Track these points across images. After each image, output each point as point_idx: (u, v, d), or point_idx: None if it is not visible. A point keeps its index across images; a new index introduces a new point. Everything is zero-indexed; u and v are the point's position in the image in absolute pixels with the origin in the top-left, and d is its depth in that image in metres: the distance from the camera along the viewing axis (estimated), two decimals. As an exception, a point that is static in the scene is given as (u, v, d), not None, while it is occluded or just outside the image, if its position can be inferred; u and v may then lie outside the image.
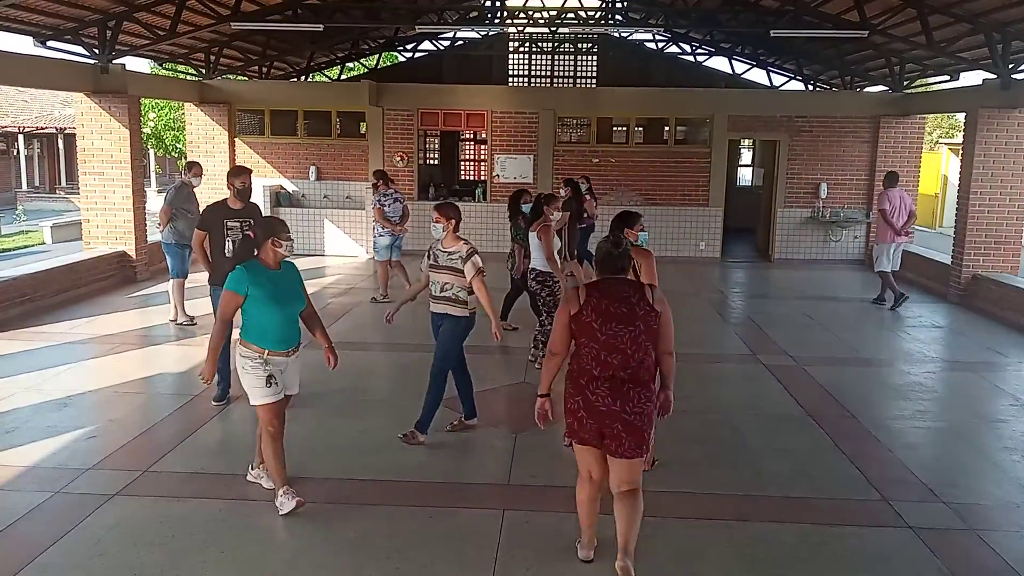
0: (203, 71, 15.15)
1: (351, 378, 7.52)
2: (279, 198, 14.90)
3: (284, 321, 4.75)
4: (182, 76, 16.28)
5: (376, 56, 21.15)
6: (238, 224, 6.48)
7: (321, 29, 12.65)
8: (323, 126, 15.54)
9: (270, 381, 4.66)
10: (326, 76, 21.36)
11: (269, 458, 4.80)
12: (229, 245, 6.43)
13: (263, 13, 12.95)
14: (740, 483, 5.35)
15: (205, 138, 15.20)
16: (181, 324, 9.17)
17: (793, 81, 19.17)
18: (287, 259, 4.86)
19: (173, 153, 29.94)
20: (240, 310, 4.69)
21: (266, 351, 4.68)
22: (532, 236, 7.83)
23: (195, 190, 9.36)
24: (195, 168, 9.43)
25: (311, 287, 11.21)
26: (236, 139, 15.34)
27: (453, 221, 5.80)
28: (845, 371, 7.92)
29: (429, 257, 5.89)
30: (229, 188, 6.65)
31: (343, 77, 21.03)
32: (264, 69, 17.09)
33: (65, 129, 30.18)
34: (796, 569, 4.28)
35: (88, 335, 8.70)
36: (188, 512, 4.77)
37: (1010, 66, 10.86)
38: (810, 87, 18.53)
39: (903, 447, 6.04)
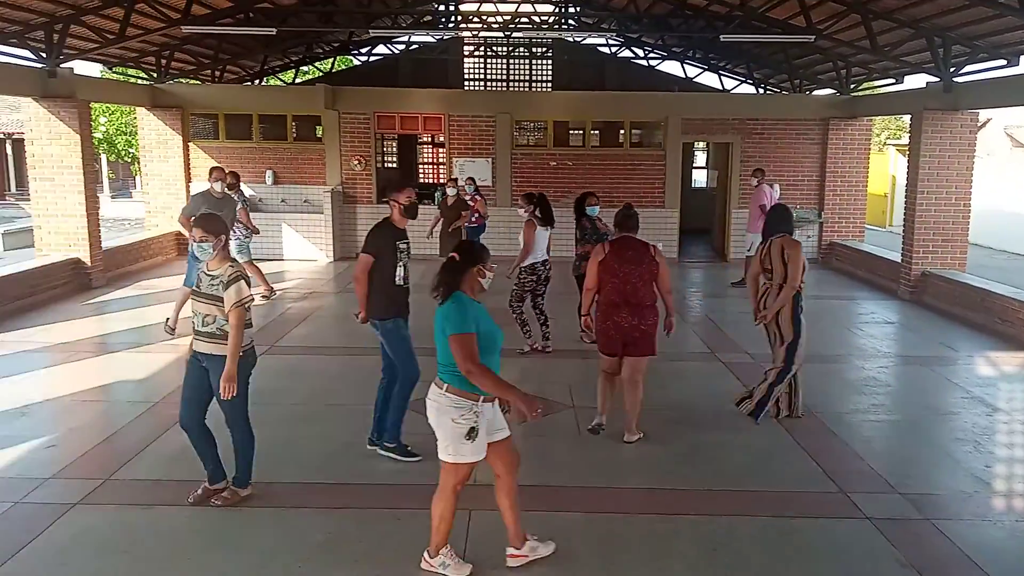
0: (154, 75, 14.93)
1: (315, 382, 7.50)
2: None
3: (497, 361, 4.11)
4: (133, 80, 16.01)
5: (331, 60, 21.03)
6: (406, 246, 5.66)
7: (274, 33, 12.59)
8: (279, 130, 15.42)
9: (472, 434, 3.99)
10: (280, 80, 21.20)
11: (446, 518, 4.16)
12: (401, 272, 5.63)
13: (214, 17, 12.80)
14: (702, 479, 5.46)
15: (158, 143, 14.97)
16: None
17: (744, 84, 19.55)
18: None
19: (126, 158, 29.38)
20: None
21: (481, 398, 4.02)
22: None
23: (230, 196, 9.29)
24: (216, 173, 9.14)
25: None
26: (190, 143, 15.13)
27: (223, 237, 4.78)
28: (803, 367, 8.07)
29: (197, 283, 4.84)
30: (393, 205, 5.63)
31: (298, 81, 20.87)
32: (217, 73, 16.89)
33: (13, 134, 29.41)
34: (758, 560, 4.38)
35: (44, 343, 8.53)
36: (152, 519, 4.72)
37: (951, 69, 11.21)
38: (761, 90, 18.91)
39: (859, 440, 6.21)
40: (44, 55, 11.13)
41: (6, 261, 14.34)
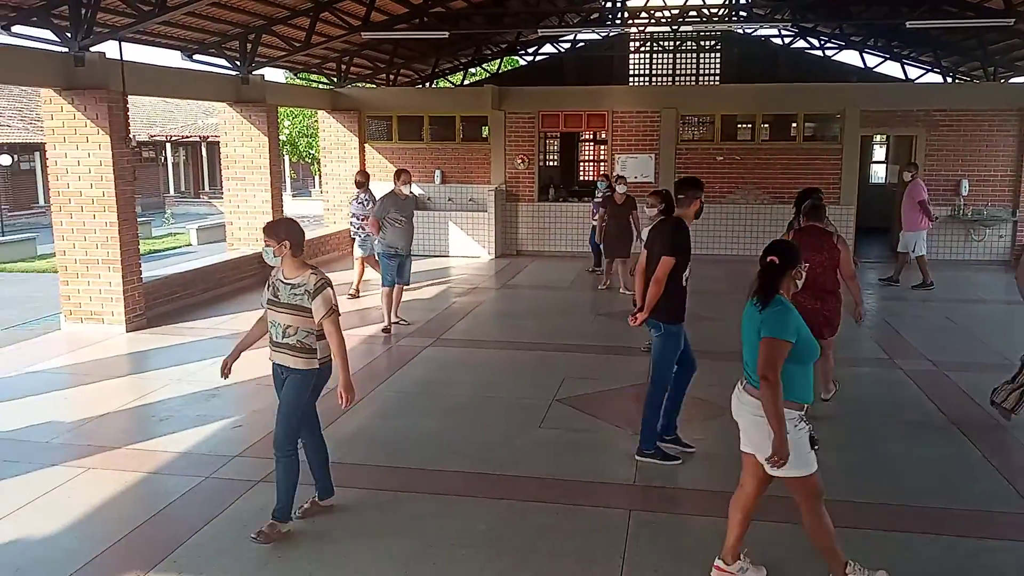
0: (334, 80, 15.80)
1: (477, 375, 7.70)
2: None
3: (811, 371, 3.92)
4: (315, 85, 17.02)
5: (498, 61, 21.47)
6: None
7: (447, 36, 12.98)
8: (447, 131, 15.91)
9: (815, 443, 3.80)
10: (450, 82, 21.84)
11: (829, 536, 3.89)
12: (686, 273, 5.53)
13: (391, 22, 13.39)
14: (880, 492, 5.15)
15: (337, 144, 15.84)
16: (395, 324, 9.23)
17: (930, 74, 18.24)
18: None
19: (306, 159, 31.29)
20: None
21: (807, 407, 3.88)
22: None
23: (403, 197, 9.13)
24: (403, 176, 9.13)
25: (438, 287, 11.60)
26: (366, 144, 15.91)
27: (287, 243, 4.48)
28: (991, 377, 7.43)
29: (268, 289, 4.61)
30: (695, 203, 5.60)
31: (466, 82, 21.43)
32: (391, 76, 17.67)
33: (208, 137, 32.10)
34: (941, 582, 4.09)
35: (232, 330, 9.22)
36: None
37: None
38: (949, 79, 17.58)
39: (1059, 458, 5.67)
40: (238, 63, 12.05)
41: (200, 254, 15.65)
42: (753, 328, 3.79)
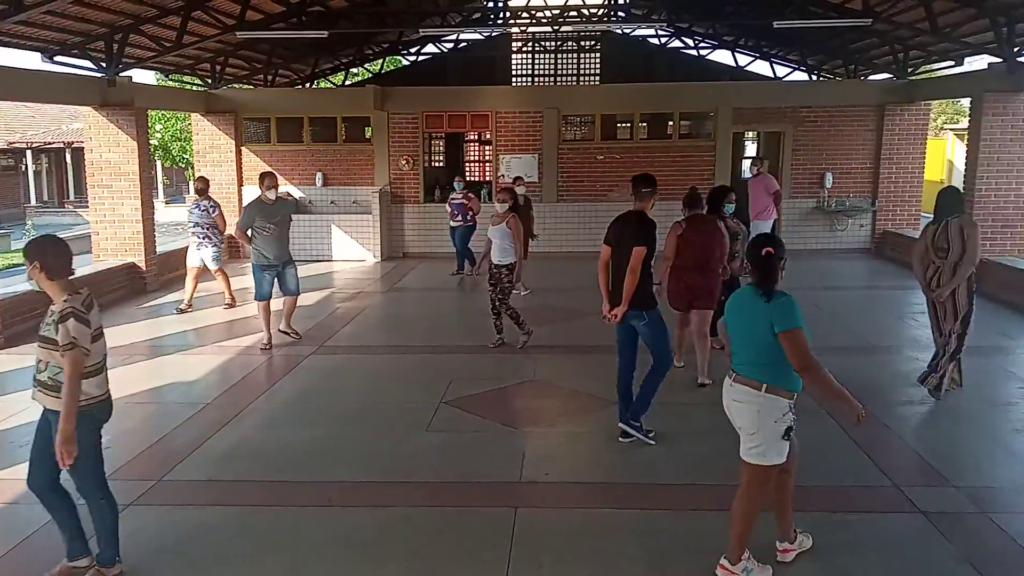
0: (209, 81, 15.26)
1: (362, 381, 7.59)
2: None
3: None
4: (188, 87, 16.39)
5: (380, 61, 21.24)
6: None
7: (326, 36, 12.74)
8: (329, 132, 15.62)
9: (788, 434, 3.93)
10: (331, 82, 21.47)
11: (749, 520, 4.04)
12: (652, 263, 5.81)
13: (268, 21, 13.03)
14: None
15: (212, 147, 15.30)
16: (288, 335, 8.80)
17: (797, 72, 19.15)
18: None
19: (180, 164, 30.12)
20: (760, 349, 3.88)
21: (795, 395, 3.98)
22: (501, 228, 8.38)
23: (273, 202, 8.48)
24: (268, 180, 8.49)
25: (321, 293, 11.34)
26: (243, 148, 15.43)
27: (37, 265, 3.91)
28: (854, 359, 7.90)
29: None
30: (653, 199, 5.85)
31: (347, 83, 21.10)
32: (269, 77, 17.20)
33: (73, 143, 30.36)
34: (810, 555, 4.29)
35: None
36: (205, 519, 4.82)
37: (1015, 50, 10.83)
38: (814, 77, 18.50)
39: (912, 433, 6.06)
40: (104, 64, 11.46)
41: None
42: (757, 320, 3.86)
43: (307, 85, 19.38)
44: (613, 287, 5.83)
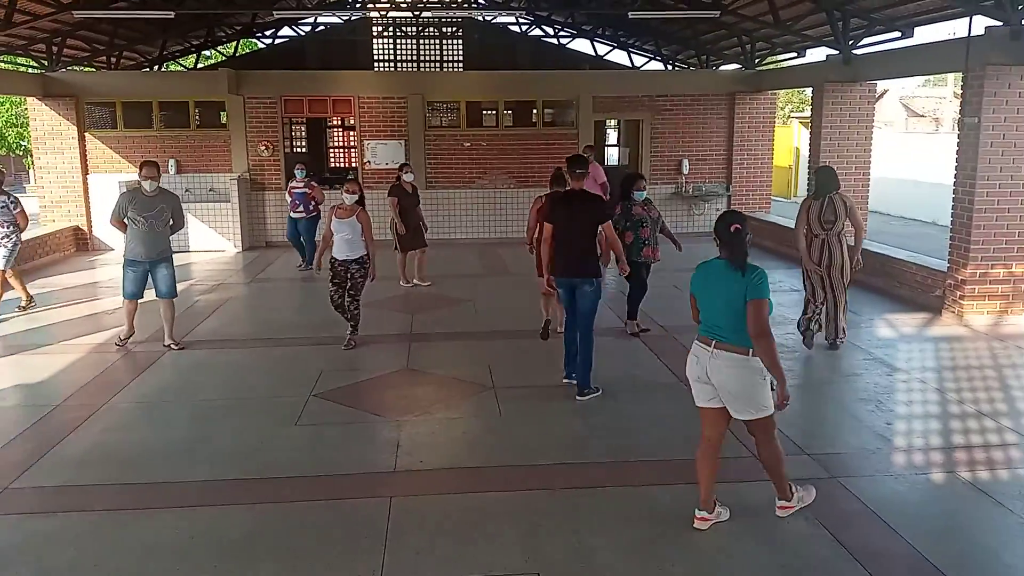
0: (45, 63, 14.19)
1: (226, 376, 7.30)
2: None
3: None
4: (23, 69, 15.20)
5: (234, 43, 20.41)
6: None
7: (172, 16, 12.10)
8: (181, 117, 14.88)
9: (772, 387, 4.26)
10: (182, 65, 20.48)
11: (782, 461, 4.49)
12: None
13: (108, 0, 12.24)
14: (620, 450, 5.54)
15: (52, 134, 14.27)
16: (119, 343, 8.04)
17: (653, 61, 19.79)
18: None
19: (17, 151, 27.97)
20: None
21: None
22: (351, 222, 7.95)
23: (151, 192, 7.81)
24: (146, 169, 7.79)
25: (179, 285, 10.78)
26: (86, 134, 14.47)
27: None
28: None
29: None
30: (578, 178, 6.62)
31: (200, 66, 20.16)
32: (113, 59, 16.17)
33: None
34: (675, 526, 4.46)
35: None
36: (57, 528, 4.51)
37: (850, 42, 11.58)
38: (669, 67, 19.18)
39: (768, 405, 6.39)
40: (-81, 43, 10.46)
41: None
42: (734, 291, 4.16)
43: (156, 68, 18.38)
44: (563, 259, 6.45)
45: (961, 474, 5.12)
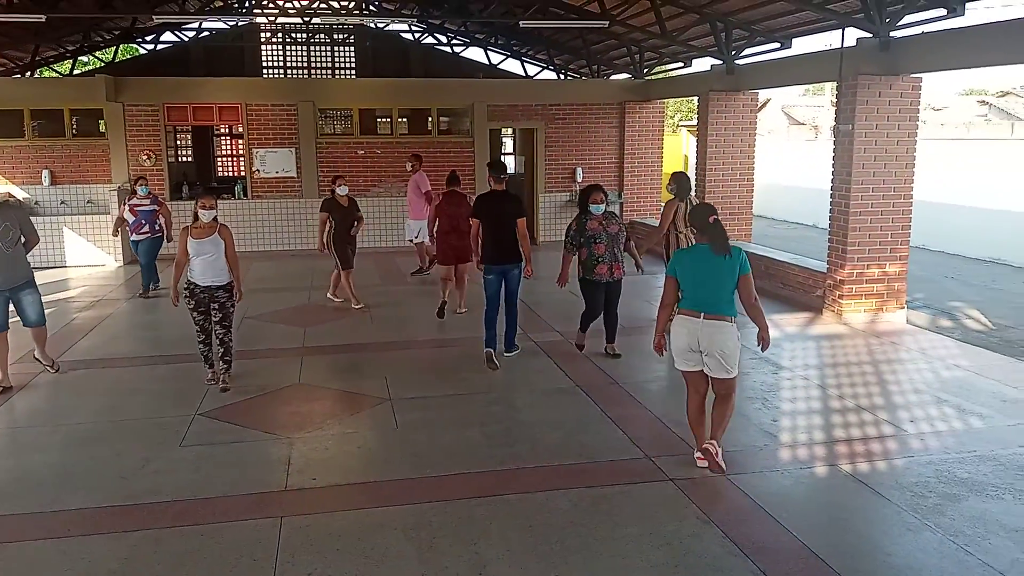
0: (-101, 67, 13.23)
1: (106, 397, 6.92)
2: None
3: None
4: None
5: (113, 49, 19.52)
6: None
7: (43, 20, 11.47)
8: (55, 126, 14.13)
9: None
10: (56, 71, 19.43)
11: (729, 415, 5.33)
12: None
13: (-30, 1, 11.51)
14: (516, 457, 5.52)
15: (-92, 143, 13.30)
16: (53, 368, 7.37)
17: (546, 71, 20.02)
18: None
19: None
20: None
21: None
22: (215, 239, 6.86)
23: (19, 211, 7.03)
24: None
25: (53, 305, 10.17)
26: (-52, 143, 13.55)
27: None
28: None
29: None
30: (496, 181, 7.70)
31: (76, 72, 19.18)
32: (-21, 64, 15.22)
33: None
34: (573, 531, 4.47)
35: None
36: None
37: (733, 53, 12.00)
38: (562, 76, 19.43)
39: (661, 406, 6.51)
40: None
41: None
42: (723, 271, 5.05)
43: (27, 74, 17.38)
44: (496, 248, 7.54)
45: (843, 467, 5.33)
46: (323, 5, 15.89)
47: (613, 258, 7.60)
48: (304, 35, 19.81)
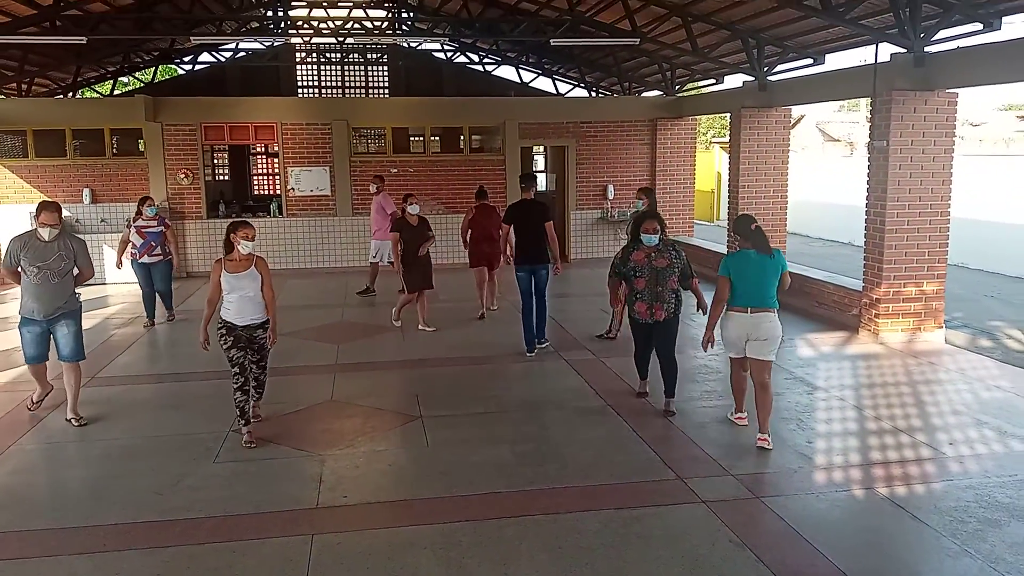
0: (-53, 89, 13.62)
1: (142, 413, 7.02)
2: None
3: None
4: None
5: (152, 69, 19.95)
6: None
7: (84, 42, 11.74)
8: (96, 145, 14.42)
9: None
10: (97, 92, 19.90)
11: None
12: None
13: (15, 25, 11.82)
14: (546, 477, 5.50)
15: (-44, 163, 13.67)
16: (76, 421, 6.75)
17: (577, 88, 20.07)
18: None
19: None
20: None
21: None
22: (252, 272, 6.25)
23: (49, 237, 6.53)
24: (45, 213, 6.46)
25: (93, 320, 10.42)
26: (-6, 163, 13.90)
27: None
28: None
29: None
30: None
31: (116, 92, 19.62)
32: (24, 86, 15.60)
33: None
34: (603, 553, 4.44)
35: None
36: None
37: (765, 69, 11.93)
38: (593, 94, 19.46)
39: (694, 427, 6.45)
40: None
41: None
42: (768, 270, 5.95)
43: (69, 95, 17.81)
44: (526, 250, 8.59)
45: (879, 490, 5.23)
46: (357, 26, 16.08)
47: (655, 297, 6.63)
48: (338, 55, 20.08)
